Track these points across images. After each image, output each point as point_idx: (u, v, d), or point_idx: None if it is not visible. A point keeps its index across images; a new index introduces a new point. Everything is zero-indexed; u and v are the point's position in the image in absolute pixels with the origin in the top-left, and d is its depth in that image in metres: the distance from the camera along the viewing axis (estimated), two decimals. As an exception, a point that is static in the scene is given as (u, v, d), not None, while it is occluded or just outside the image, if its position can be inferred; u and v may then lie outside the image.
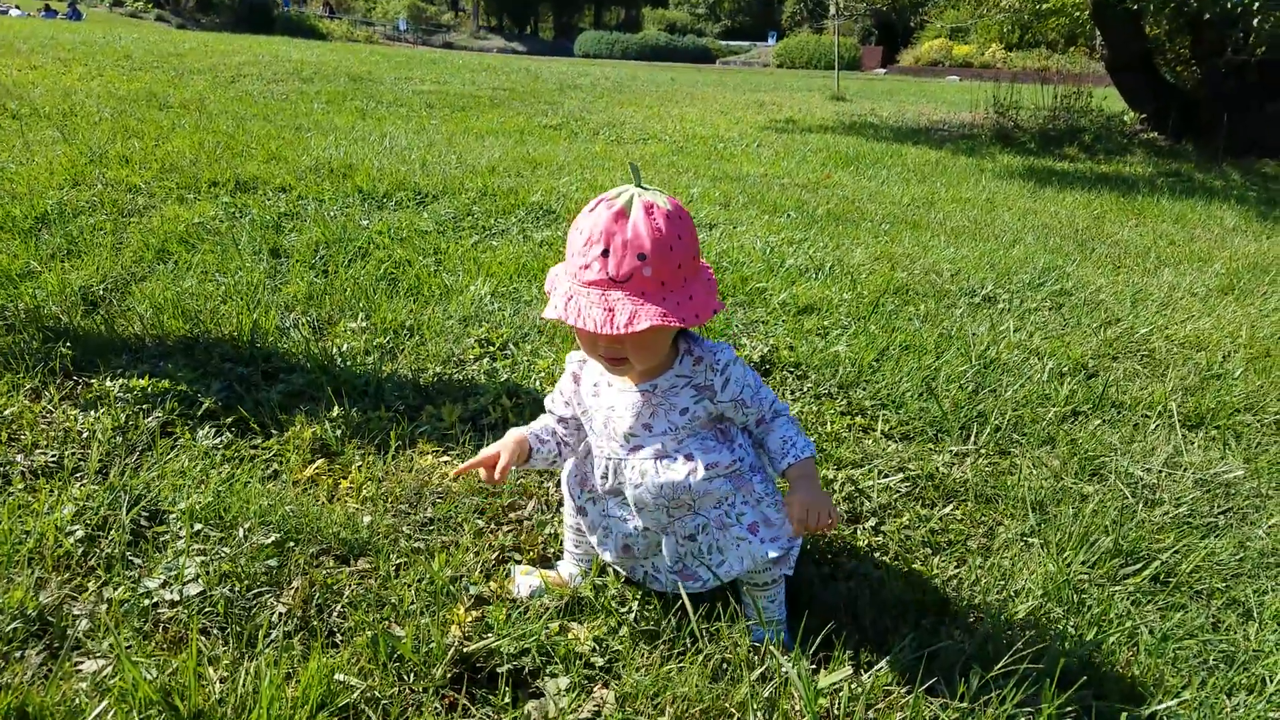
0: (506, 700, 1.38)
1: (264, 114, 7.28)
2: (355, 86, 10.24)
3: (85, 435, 2.01)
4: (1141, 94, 10.45)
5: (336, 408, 2.24)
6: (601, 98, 12.51)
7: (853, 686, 1.42)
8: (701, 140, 8.54)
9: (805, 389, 2.70)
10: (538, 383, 2.55)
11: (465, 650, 1.46)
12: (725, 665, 1.46)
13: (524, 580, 1.66)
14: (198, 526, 1.71)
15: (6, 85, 7.50)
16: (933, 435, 2.48)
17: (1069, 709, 1.39)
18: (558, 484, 2.03)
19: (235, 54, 13.12)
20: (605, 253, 1.27)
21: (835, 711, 1.39)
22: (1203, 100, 9.86)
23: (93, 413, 2.11)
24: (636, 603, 1.61)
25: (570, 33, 50.24)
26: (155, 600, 1.51)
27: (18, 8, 28.09)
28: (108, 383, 2.23)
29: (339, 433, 2.15)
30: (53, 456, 1.92)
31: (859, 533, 1.93)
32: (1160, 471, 2.33)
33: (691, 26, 53.05)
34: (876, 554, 1.86)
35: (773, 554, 1.46)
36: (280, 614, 1.53)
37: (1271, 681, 1.54)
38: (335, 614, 1.55)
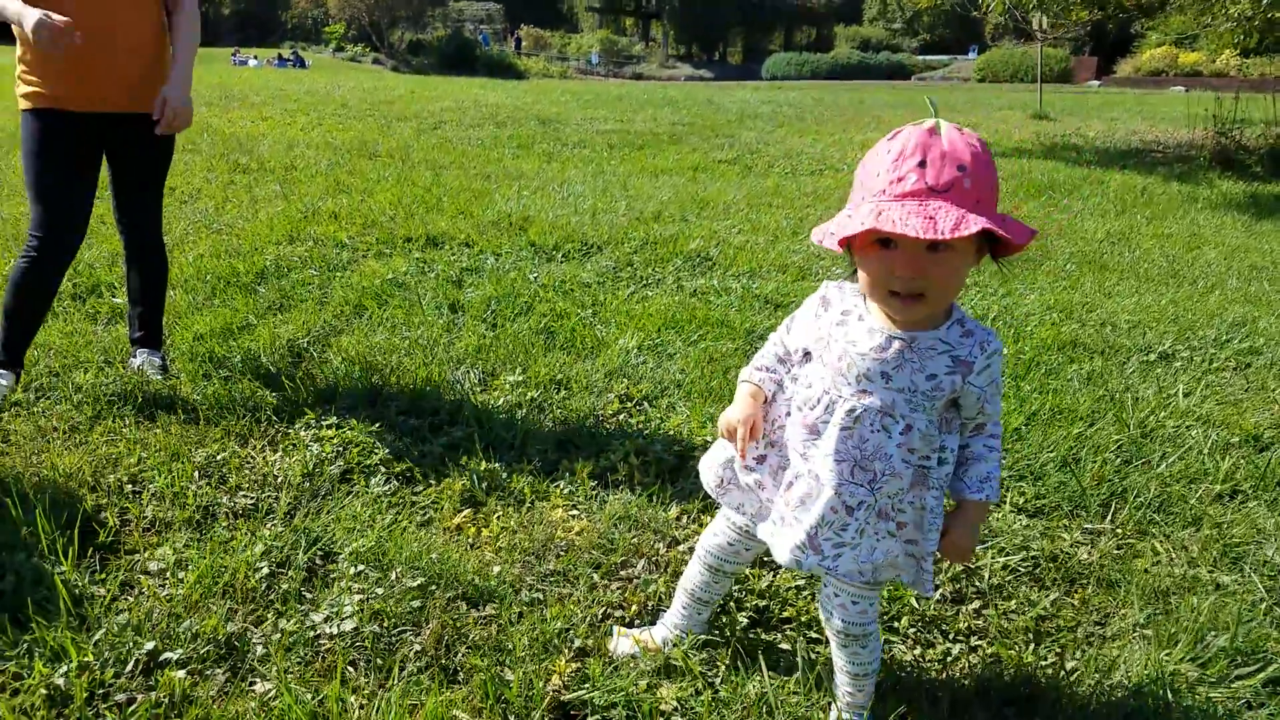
0: (593, 751, 1.55)
1: (459, 162, 7.98)
2: (543, 129, 10.94)
3: (279, 480, 2.39)
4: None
5: (485, 461, 2.52)
6: (781, 126, 12.58)
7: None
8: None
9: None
10: (667, 440, 2.71)
11: (562, 699, 1.64)
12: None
13: (623, 641, 1.81)
14: (360, 567, 2.01)
15: (240, 139, 8.67)
16: (1068, 511, 2.41)
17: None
18: (668, 545, 2.19)
19: (438, 99, 14.35)
20: (922, 164, 1.22)
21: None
22: None
23: (287, 459, 2.50)
24: (724, 666, 1.73)
25: (759, 56, 50.51)
26: (318, 633, 1.81)
27: (255, 58, 31.71)
28: (302, 432, 2.63)
29: (484, 485, 2.42)
30: (251, 499, 2.30)
31: (960, 615, 1.95)
32: (1312, 564, 2.15)
33: (887, 42, 51.78)
34: (973, 638, 1.87)
35: (902, 556, 1.43)
36: (416, 651, 1.78)
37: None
38: (460, 655, 1.78)
